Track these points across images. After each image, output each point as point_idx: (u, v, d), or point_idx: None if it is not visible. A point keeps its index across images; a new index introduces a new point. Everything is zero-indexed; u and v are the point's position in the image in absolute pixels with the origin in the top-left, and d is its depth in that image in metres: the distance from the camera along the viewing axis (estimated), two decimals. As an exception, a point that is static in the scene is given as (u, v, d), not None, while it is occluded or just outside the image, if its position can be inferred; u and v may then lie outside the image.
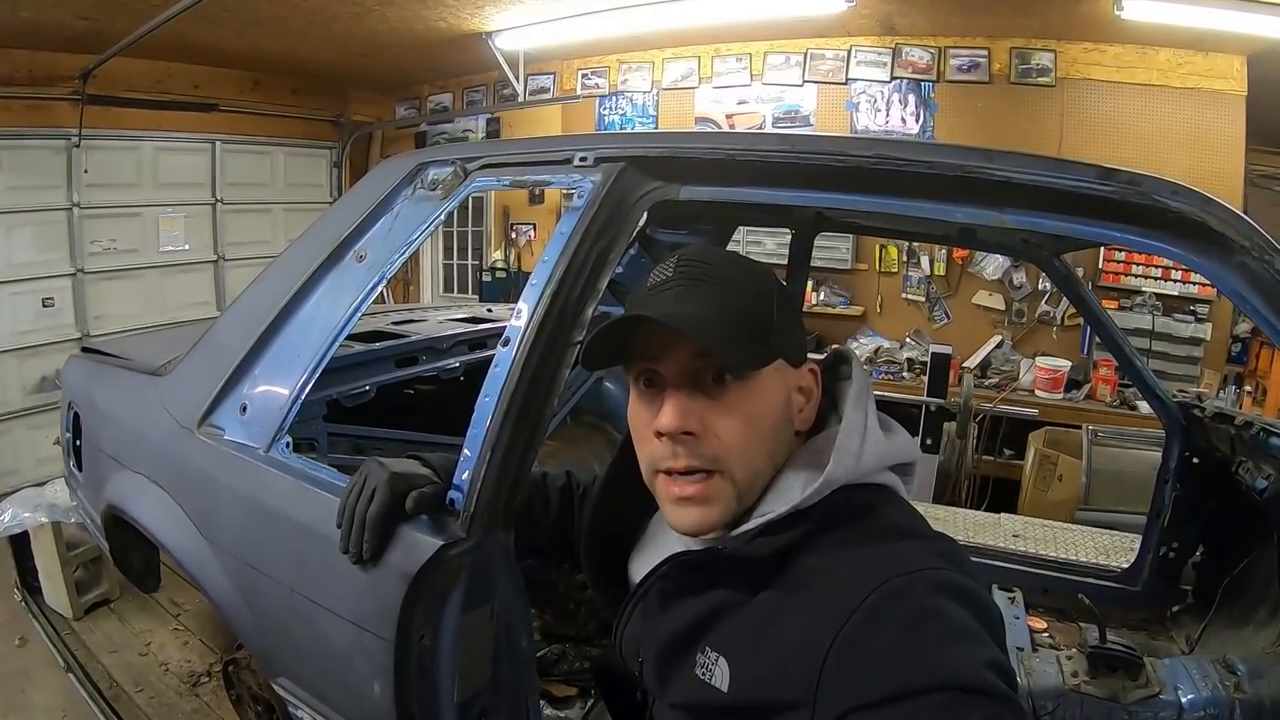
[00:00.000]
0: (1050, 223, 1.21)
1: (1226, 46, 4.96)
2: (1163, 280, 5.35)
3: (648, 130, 6.23)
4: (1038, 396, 5.23)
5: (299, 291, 1.79)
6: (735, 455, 0.91)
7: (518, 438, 1.33)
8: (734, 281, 0.93)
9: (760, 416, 0.92)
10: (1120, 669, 1.79)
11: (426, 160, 1.72)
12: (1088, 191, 1.14)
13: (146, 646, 3.16)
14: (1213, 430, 2.37)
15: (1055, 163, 1.17)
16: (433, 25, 5.44)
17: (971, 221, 1.27)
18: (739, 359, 0.89)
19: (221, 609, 1.76)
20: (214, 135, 6.35)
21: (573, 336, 1.37)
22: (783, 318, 0.94)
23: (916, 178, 1.24)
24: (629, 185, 1.43)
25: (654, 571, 1.00)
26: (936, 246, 5.75)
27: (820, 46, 5.89)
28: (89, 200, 5.60)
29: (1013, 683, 0.74)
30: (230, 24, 4.95)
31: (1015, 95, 5.51)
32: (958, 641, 0.74)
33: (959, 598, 0.78)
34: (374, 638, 1.36)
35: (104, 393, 2.36)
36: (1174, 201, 1.10)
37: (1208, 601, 2.37)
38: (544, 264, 1.38)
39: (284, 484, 1.60)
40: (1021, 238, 2.28)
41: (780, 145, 1.35)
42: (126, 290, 5.95)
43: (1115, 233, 1.18)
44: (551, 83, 6.77)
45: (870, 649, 0.75)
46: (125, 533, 2.20)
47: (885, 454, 0.94)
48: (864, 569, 0.81)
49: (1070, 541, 3.08)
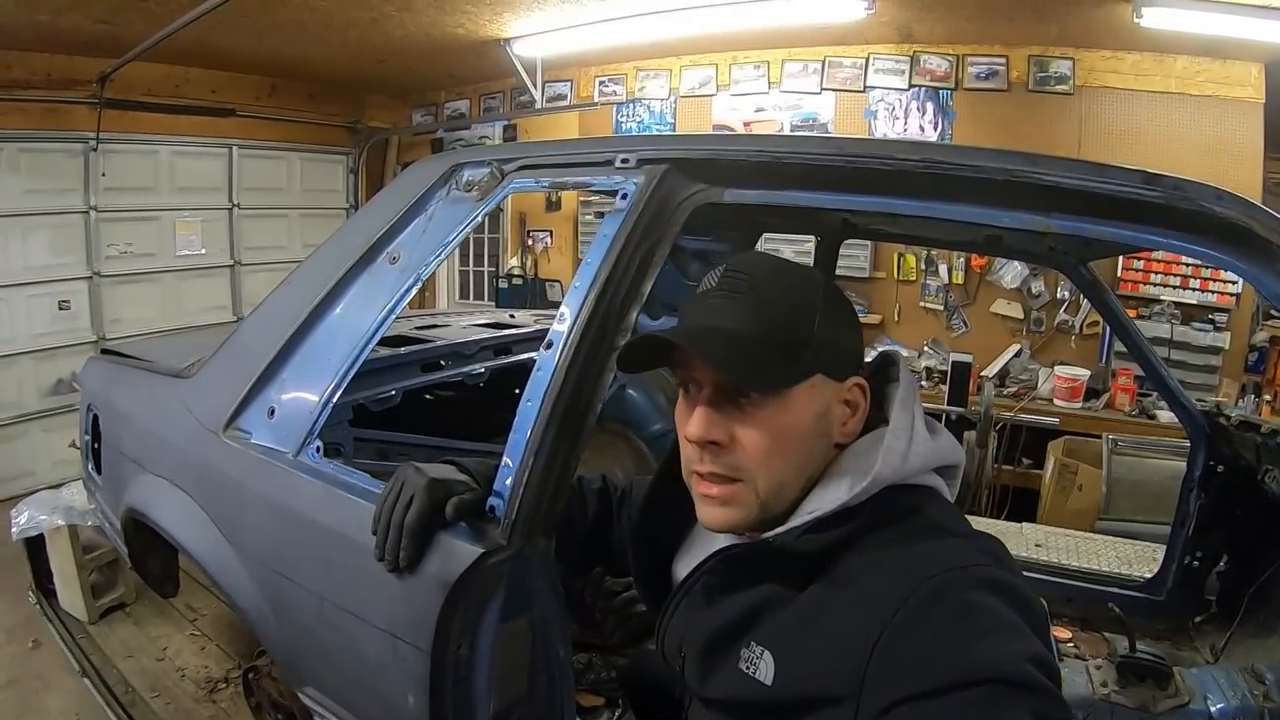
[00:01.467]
0: (1095, 227, 1.20)
1: (1244, 54, 4.94)
2: (1181, 289, 5.29)
3: (690, 133, 6.20)
4: (1056, 405, 5.18)
5: (330, 294, 1.77)
6: (758, 468, 0.93)
7: (560, 443, 1.30)
8: (773, 294, 0.94)
9: (788, 431, 0.93)
10: (1149, 678, 1.80)
11: (461, 161, 1.70)
12: (1133, 196, 1.13)
13: (163, 651, 3.14)
14: (1238, 439, 2.37)
15: (1100, 167, 1.16)
16: (450, 31, 5.42)
17: (1017, 226, 1.25)
18: (752, 380, 0.91)
19: (246, 616, 1.74)
20: (231, 140, 6.34)
21: (615, 340, 1.34)
22: (827, 331, 0.94)
23: (964, 182, 1.23)
24: (672, 188, 1.41)
25: (700, 566, 1.04)
26: (955, 255, 5.71)
27: (838, 54, 5.86)
28: (106, 204, 5.59)
29: (1056, 678, 0.75)
30: (247, 29, 4.94)
31: (1033, 103, 5.48)
32: (1001, 636, 0.75)
33: (1003, 593, 0.79)
34: (409, 647, 1.33)
35: (125, 395, 2.34)
36: (1218, 207, 1.09)
37: (1232, 611, 2.36)
38: (587, 266, 1.36)
39: (314, 489, 1.57)
40: (1049, 244, 2.25)
41: (827, 148, 1.35)
42: (143, 294, 5.94)
43: (1159, 237, 1.17)
44: (569, 90, 6.76)
45: (916, 643, 0.76)
46: (145, 537, 2.18)
47: (931, 456, 0.96)
48: (909, 565, 0.83)
49: (1092, 551, 3.07)
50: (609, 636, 2.35)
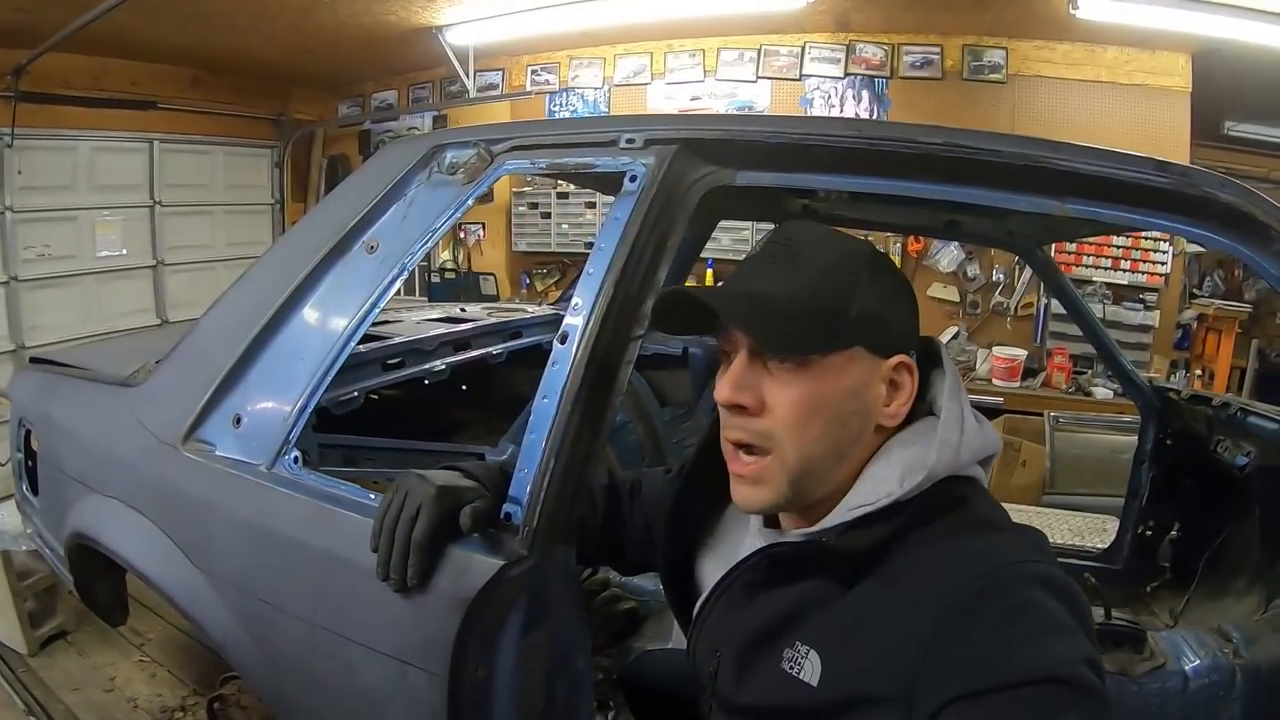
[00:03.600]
0: (1109, 212, 1.24)
1: (1173, 45, 5.16)
2: (1113, 270, 5.57)
3: (700, 113, 6.13)
4: (995, 385, 5.42)
5: (299, 288, 1.61)
6: (787, 435, 0.90)
7: (581, 442, 1.21)
8: (815, 261, 0.92)
9: (820, 401, 0.89)
10: (1126, 644, 1.83)
11: (443, 142, 1.57)
12: (1145, 183, 1.17)
13: (111, 681, 2.91)
14: (1188, 411, 2.48)
15: (1116, 155, 1.20)
16: (383, 19, 5.33)
17: (1035, 209, 1.27)
18: (777, 343, 0.89)
19: (224, 649, 1.58)
20: (152, 135, 6.10)
21: (634, 331, 1.26)
22: (873, 304, 0.91)
23: (985, 166, 1.23)
24: (683, 169, 1.33)
25: (742, 563, 1.00)
26: (892, 240, 5.84)
27: (774, 43, 5.94)
28: (22, 204, 5.34)
29: (1104, 678, 0.74)
30: (172, 17, 4.76)
31: (967, 91, 5.64)
32: (1057, 635, 0.75)
33: (1055, 592, 0.78)
34: (420, 672, 1.22)
35: (63, 408, 2.12)
36: (1222, 193, 1.15)
37: (1185, 576, 2.48)
38: (600, 252, 1.26)
39: (298, 505, 1.42)
40: (1008, 229, 2.32)
41: (847, 130, 1.30)
42: (62, 299, 5.68)
43: (1165, 221, 1.22)
44: (500, 79, 6.68)
45: (970, 641, 0.75)
46: (93, 563, 2.00)
47: (980, 447, 0.94)
48: (961, 563, 0.82)
49: (1044, 525, 3.10)
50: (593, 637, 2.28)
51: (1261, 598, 2.11)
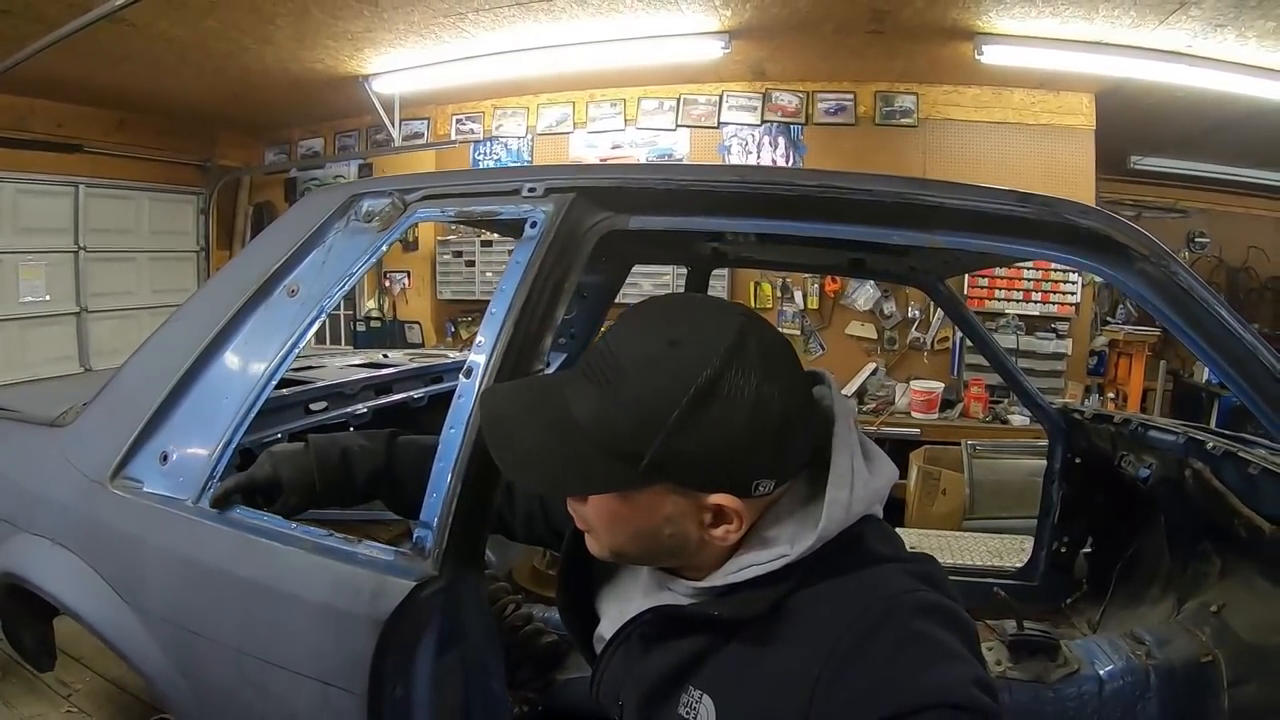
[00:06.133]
0: (976, 241, 1.35)
1: (1076, 85, 5.46)
2: (1024, 302, 5.80)
3: (596, 163, 6.21)
4: (914, 418, 5.57)
5: (224, 330, 1.68)
6: (600, 529, 0.92)
7: (486, 469, 1.29)
8: (630, 391, 0.82)
9: (625, 521, 0.88)
10: (1040, 653, 1.89)
11: (360, 192, 1.67)
12: (1008, 213, 1.28)
13: (39, 732, 2.85)
14: (1093, 430, 2.57)
15: (978, 189, 1.31)
16: (309, 66, 5.35)
17: (907, 243, 1.39)
18: (558, 489, 0.94)
19: (154, 684, 1.61)
20: (77, 178, 5.99)
21: (532, 366, 1.36)
22: (683, 444, 0.80)
23: (859, 205, 1.34)
24: (580, 215, 1.44)
25: (637, 619, 0.98)
26: (810, 280, 6.04)
27: (693, 92, 6.12)
28: (-57, 248, 5.16)
29: (997, 698, 0.76)
30: (99, 58, 4.72)
31: (880, 136, 5.89)
32: (946, 661, 0.76)
33: (941, 619, 0.80)
34: (342, 693, 1.29)
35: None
36: (1083, 220, 1.26)
37: (1101, 587, 2.56)
38: (502, 294, 1.37)
39: (224, 538, 1.48)
40: (909, 265, 2.44)
41: (731, 176, 1.42)
42: (-18, 345, 5.48)
43: (1033, 249, 1.35)
44: (426, 128, 6.72)
45: (860, 674, 0.76)
46: (20, 606, 2.00)
47: (872, 496, 0.90)
48: (847, 598, 0.82)
49: (964, 548, 3.26)
50: (516, 670, 2.32)
51: (1174, 602, 2.17)
